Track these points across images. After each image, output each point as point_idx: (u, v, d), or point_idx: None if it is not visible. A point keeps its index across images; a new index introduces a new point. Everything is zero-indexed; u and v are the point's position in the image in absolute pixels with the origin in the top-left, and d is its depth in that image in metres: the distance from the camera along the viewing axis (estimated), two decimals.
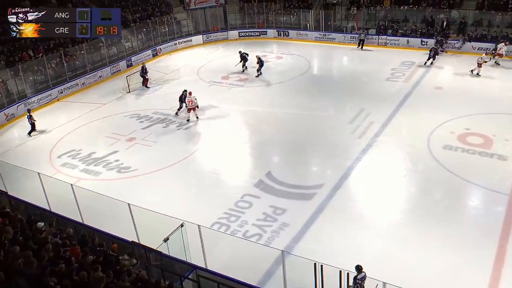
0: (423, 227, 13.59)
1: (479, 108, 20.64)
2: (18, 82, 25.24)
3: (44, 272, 8.53)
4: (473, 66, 25.57)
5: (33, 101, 25.01)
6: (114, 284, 8.55)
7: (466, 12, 30.63)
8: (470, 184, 15.57)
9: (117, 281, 8.87)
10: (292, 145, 19.14)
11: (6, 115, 23.56)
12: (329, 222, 14.09)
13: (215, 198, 15.77)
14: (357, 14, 34.08)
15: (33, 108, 24.83)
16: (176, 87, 26.66)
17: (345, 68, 29.99)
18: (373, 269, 10.60)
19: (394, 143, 18.64)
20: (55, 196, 14.54)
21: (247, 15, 37.30)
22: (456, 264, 12.04)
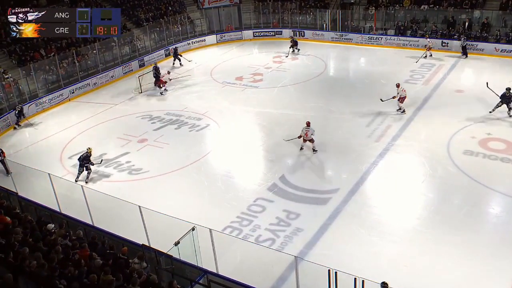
0: (441, 234, 13.48)
1: (501, 113, 20.42)
2: (29, 81, 25.58)
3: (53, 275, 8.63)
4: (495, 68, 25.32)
5: (44, 101, 25.36)
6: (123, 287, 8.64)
7: (489, 13, 30.34)
8: (491, 191, 15.40)
9: (127, 285, 8.95)
10: (306, 148, 19.12)
11: None
12: (344, 228, 14.04)
13: (227, 201, 15.82)
14: (375, 14, 33.95)
15: (45, 108, 25.23)
16: (188, 88, 26.88)
17: (362, 69, 29.88)
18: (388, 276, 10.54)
19: (412, 147, 18.52)
20: (65, 197, 14.72)
21: (262, 14, 37.37)
22: (475, 274, 11.91)
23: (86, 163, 17.32)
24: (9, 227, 10.59)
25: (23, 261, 8.86)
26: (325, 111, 22.29)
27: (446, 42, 30.09)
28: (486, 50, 28.79)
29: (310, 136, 18.29)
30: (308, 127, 18.24)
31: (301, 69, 29.06)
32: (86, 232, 12.54)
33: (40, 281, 8.36)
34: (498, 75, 25.82)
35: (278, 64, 30.20)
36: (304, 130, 18.20)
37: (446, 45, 30.00)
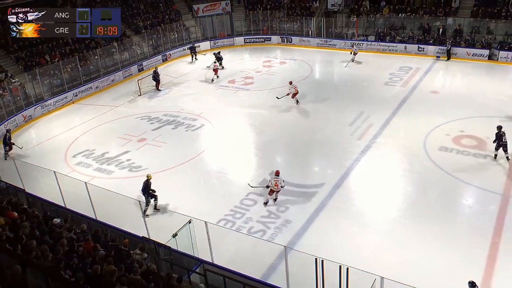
0: (419, 225, 13.55)
1: (473, 112, 20.57)
2: (35, 85, 25.38)
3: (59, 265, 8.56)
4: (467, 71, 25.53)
5: (49, 103, 25.16)
6: (125, 277, 8.57)
7: (462, 20, 30.52)
8: (464, 184, 15.51)
9: (128, 274, 8.89)
10: (295, 146, 19.13)
11: (24, 116, 23.67)
12: (330, 220, 14.07)
13: (221, 196, 15.78)
14: (357, 22, 34.04)
15: (50, 110, 25.02)
16: (184, 90, 26.78)
17: (345, 73, 29.90)
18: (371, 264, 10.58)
19: (392, 144, 18.59)
20: (70, 193, 14.59)
21: (252, 22, 37.31)
22: (451, 261, 11.99)
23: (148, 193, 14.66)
24: (17, 222, 10.48)
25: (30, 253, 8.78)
26: (311, 111, 22.30)
27: (422, 47, 30.23)
28: (459, 54, 28.97)
29: (280, 187, 14.57)
30: (277, 176, 14.68)
31: (289, 73, 29.04)
32: (90, 226, 12.45)
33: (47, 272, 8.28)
34: (470, 77, 26.07)
35: (268, 68, 30.18)
36: (273, 180, 14.56)
37: (422, 50, 30.14)
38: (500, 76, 26.16)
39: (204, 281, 10.20)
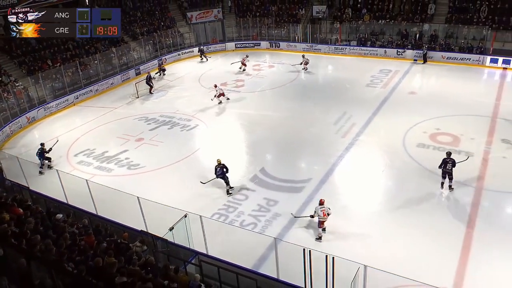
0: (399, 216, 13.64)
1: (448, 111, 20.72)
2: (38, 89, 25.13)
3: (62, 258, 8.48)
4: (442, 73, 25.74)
5: (51, 105, 24.89)
6: (125, 269, 8.51)
7: (437, 25, 30.73)
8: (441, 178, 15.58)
9: (128, 266, 8.84)
10: (283, 144, 19.14)
11: (27, 118, 23.40)
12: None
13: (215, 191, 15.73)
14: (340, 28, 34.12)
15: (52, 112, 24.77)
16: (179, 93, 26.67)
17: (330, 75, 30.03)
18: (355, 253, 10.63)
19: (373, 142, 18.67)
20: (72, 190, 14.48)
21: (242, 28, 37.22)
22: (429, 249, 12.09)
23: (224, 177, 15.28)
24: (22, 218, 10.37)
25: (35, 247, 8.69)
26: (298, 112, 22.30)
27: (400, 51, 30.36)
28: (434, 57, 29.16)
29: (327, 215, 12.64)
30: (322, 205, 12.65)
31: (277, 76, 29.03)
32: (91, 221, 12.36)
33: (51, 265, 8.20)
34: (445, 79, 26.24)
35: (257, 72, 30.12)
36: (320, 211, 12.54)
37: (401, 53, 30.28)
38: (473, 77, 26.37)
39: (199, 271, 10.18)
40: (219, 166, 15.51)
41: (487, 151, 17.11)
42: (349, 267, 9.06)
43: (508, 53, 27.45)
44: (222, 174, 15.50)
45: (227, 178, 15.51)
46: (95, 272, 8.20)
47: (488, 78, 26.74)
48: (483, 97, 22.73)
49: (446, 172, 14.60)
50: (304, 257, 9.51)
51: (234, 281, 9.58)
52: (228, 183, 15.54)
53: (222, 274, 9.77)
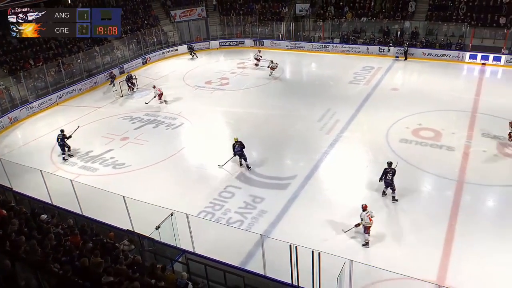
0: (383, 211, 13.76)
1: (429, 106, 20.97)
2: (20, 88, 24.66)
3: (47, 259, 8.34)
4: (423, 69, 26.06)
5: (34, 105, 24.46)
6: (112, 268, 8.41)
7: (417, 23, 31.05)
8: (423, 172, 15.83)
9: (114, 265, 8.74)
10: (269, 141, 19.14)
11: (10, 118, 22.95)
12: (302, 208, 14.14)
13: (201, 189, 15.67)
14: (323, 26, 34.23)
15: (35, 111, 24.36)
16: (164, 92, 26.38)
17: (313, 73, 30.11)
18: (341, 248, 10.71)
19: (357, 138, 18.80)
20: (56, 190, 14.26)
21: (226, 26, 37.07)
22: (413, 243, 12.24)
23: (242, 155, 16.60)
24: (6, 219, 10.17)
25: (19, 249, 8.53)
26: (283, 109, 22.34)
27: (382, 48, 30.61)
28: (415, 54, 29.47)
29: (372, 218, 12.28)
30: (366, 210, 12.28)
31: (262, 73, 28.98)
32: (76, 221, 12.18)
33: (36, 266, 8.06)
34: (426, 75, 26.55)
35: (242, 70, 30.06)
36: (366, 217, 12.19)
37: (383, 51, 30.53)
38: (453, 73, 26.73)
39: (186, 269, 10.12)
40: (237, 144, 16.64)
41: (467, 145, 17.37)
42: (335, 262, 9.10)
43: (486, 49, 27.91)
44: (241, 151, 16.63)
45: (245, 155, 16.64)
46: (81, 272, 8.09)
47: (468, 74, 27.13)
48: (463, 92, 23.07)
49: (387, 183, 13.97)
50: (291, 253, 9.53)
51: (221, 278, 9.56)
52: (246, 159, 16.68)
53: (209, 271, 9.74)
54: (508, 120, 17.27)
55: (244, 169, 16.73)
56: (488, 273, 11.03)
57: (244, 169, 16.74)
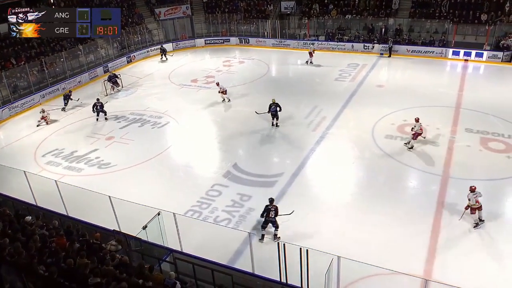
0: (370, 206, 13.85)
1: (414, 102, 21.17)
2: (2, 88, 24.23)
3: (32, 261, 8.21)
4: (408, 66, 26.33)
5: (16, 105, 24.06)
6: (98, 269, 8.31)
7: (401, 20, 31.32)
8: (408, 167, 15.97)
9: (101, 266, 8.63)
10: (255, 139, 19.12)
11: None
12: (290, 206, 14.05)
13: (188, 188, 15.58)
14: (308, 23, 34.32)
15: (17, 112, 23.95)
16: (149, 90, 26.26)
17: (299, 70, 30.08)
18: (329, 245, 10.74)
19: (344, 134, 18.89)
20: (41, 191, 14.04)
21: (212, 24, 36.94)
22: (400, 236, 12.35)
23: None
24: None
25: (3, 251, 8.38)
26: None
27: (367, 45, 30.81)
28: (400, 51, 29.73)
29: None
30: (474, 192, 12.45)
31: (248, 71, 28.98)
32: (61, 222, 12.00)
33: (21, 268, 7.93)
34: (410, 72, 26.84)
35: (228, 68, 29.97)
36: (473, 198, 12.40)
37: (367, 48, 30.72)
38: (436, 70, 27.03)
39: (174, 269, 10.06)
40: (274, 104, 19.42)
41: (452, 140, 17.59)
42: (323, 259, 9.13)
43: (469, 45, 28.37)
44: (275, 111, 19.39)
45: (278, 115, 19.51)
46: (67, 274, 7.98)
47: (451, 70, 27.46)
48: (446, 88, 23.35)
49: (269, 221, 12.58)
50: (279, 251, 9.53)
51: (209, 277, 9.51)
52: (278, 119, 19.60)
53: (198, 270, 9.69)
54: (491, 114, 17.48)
55: (231, 167, 16.67)
56: (474, 266, 11.18)
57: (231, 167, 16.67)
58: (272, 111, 19.41)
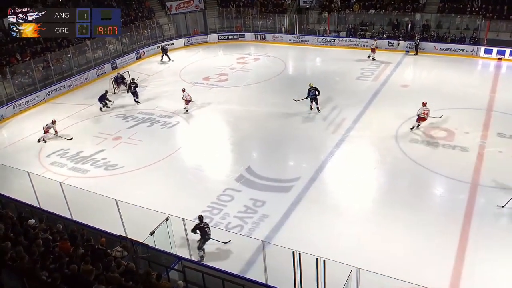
0: (393, 215, 13.74)
1: (442, 104, 20.91)
2: (6, 85, 24.71)
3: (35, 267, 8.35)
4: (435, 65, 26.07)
5: (21, 103, 24.51)
6: (103, 276, 8.41)
7: (429, 15, 31.05)
8: (435, 174, 15.80)
9: (106, 273, 8.73)
10: (270, 141, 19.14)
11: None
12: (306, 213, 14.12)
13: (198, 192, 15.66)
14: (329, 18, 34.25)
15: (22, 109, 24.38)
16: (159, 88, 26.47)
17: (318, 68, 30.08)
18: (347, 255, 10.69)
19: (365, 137, 18.78)
20: (45, 193, 14.26)
21: (225, 19, 37.12)
22: (425, 248, 12.22)
23: None
24: None
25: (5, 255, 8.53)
26: (286, 107, 22.29)
27: (392, 42, 30.61)
28: (427, 48, 29.47)
29: None
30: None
31: (263, 69, 29.03)
32: (66, 226, 12.18)
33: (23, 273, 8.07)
34: (438, 71, 26.56)
35: (242, 65, 30.09)
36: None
37: (392, 45, 30.52)
38: (467, 69, 26.76)
39: (182, 277, 10.12)
40: (312, 88, 20.90)
41: (482, 146, 17.36)
42: (341, 270, 9.08)
43: (502, 43, 27.90)
44: (314, 95, 20.83)
45: (317, 99, 20.99)
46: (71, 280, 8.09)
47: (483, 70, 27.13)
48: (477, 89, 23.05)
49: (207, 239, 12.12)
50: (294, 261, 9.51)
51: (219, 287, 9.55)
52: (317, 103, 21.08)
53: (207, 280, 9.74)
54: None
55: (244, 170, 16.71)
56: (504, 281, 11.01)
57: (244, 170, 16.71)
58: (311, 95, 20.81)
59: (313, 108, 21.39)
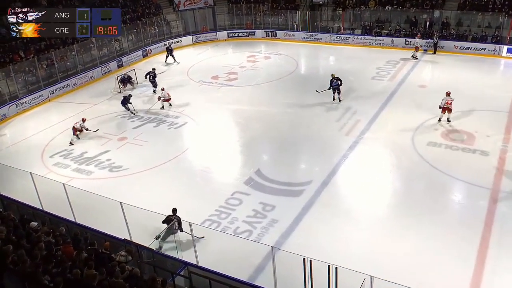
0: (408, 220, 13.66)
1: (461, 106, 20.74)
2: (9, 83, 24.95)
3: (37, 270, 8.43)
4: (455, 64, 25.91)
5: (24, 101, 24.74)
6: (107, 281, 8.47)
7: (449, 12, 30.85)
8: (453, 179, 15.68)
9: (110, 278, 8.79)
10: (281, 142, 19.14)
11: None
12: (318, 218, 14.09)
13: (205, 195, 15.70)
14: (343, 15, 34.18)
15: (25, 108, 24.64)
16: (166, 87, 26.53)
17: (331, 67, 29.94)
18: (360, 262, 10.65)
19: (380, 140, 18.70)
20: (48, 195, 14.38)
21: (235, 16, 37.22)
22: (441, 256, 12.11)
23: None
24: None
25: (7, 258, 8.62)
26: (297, 107, 22.32)
27: (408, 40, 30.45)
28: (446, 47, 29.29)
29: None
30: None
31: (274, 68, 29.05)
32: (69, 229, 12.29)
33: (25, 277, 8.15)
34: (457, 70, 26.36)
35: (252, 63, 30.14)
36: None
37: (409, 43, 30.36)
38: (488, 69, 26.54)
39: (189, 284, 10.16)
40: (335, 79, 21.99)
41: (504, 150, 17.19)
42: (354, 278, 9.05)
43: None
44: (337, 85, 21.84)
45: (340, 89, 22.02)
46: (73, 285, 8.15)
47: (505, 70, 26.91)
48: (499, 90, 22.81)
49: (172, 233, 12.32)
50: (304, 268, 9.51)
51: None
52: (340, 93, 22.12)
53: (214, 286, 9.76)
54: None
55: (253, 173, 16.74)
56: None
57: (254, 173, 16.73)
58: (334, 85, 21.81)
59: (335, 99, 22.17)
